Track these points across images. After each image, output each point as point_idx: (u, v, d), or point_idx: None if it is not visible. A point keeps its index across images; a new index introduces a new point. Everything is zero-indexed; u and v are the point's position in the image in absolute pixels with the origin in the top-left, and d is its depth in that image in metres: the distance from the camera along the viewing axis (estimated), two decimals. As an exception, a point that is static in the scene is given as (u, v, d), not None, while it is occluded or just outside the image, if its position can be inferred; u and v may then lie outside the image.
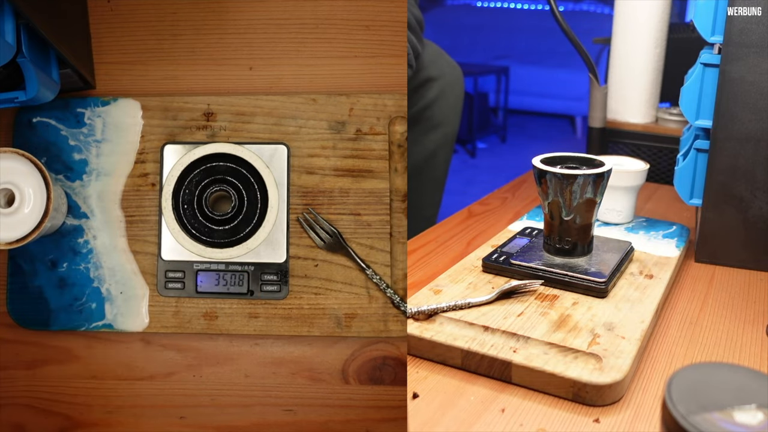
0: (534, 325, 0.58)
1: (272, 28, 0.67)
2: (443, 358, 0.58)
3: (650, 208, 1.01)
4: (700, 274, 0.77)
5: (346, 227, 0.65)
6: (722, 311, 0.68)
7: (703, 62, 0.77)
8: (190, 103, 0.66)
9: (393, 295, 0.63)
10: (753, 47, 0.72)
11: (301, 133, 0.65)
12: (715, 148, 0.76)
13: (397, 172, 0.65)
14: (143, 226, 0.65)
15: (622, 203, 0.84)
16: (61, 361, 0.65)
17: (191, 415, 0.64)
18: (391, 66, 0.67)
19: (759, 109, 0.73)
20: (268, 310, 0.64)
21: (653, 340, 0.62)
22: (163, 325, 0.64)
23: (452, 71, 1.19)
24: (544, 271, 0.67)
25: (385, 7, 0.67)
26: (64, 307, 0.64)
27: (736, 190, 0.77)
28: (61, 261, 0.65)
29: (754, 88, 0.73)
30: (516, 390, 0.54)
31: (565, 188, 0.65)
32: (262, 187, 0.65)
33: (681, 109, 0.80)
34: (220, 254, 0.64)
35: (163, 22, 0.68)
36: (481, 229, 0.92)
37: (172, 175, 0.65)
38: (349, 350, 0.64)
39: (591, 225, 0.68)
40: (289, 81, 0.67)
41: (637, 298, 0.64)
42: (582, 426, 0.50)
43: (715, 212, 0.78)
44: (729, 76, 0.74)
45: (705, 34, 0.77)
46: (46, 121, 0.66)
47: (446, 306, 0.61)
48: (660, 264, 0.73)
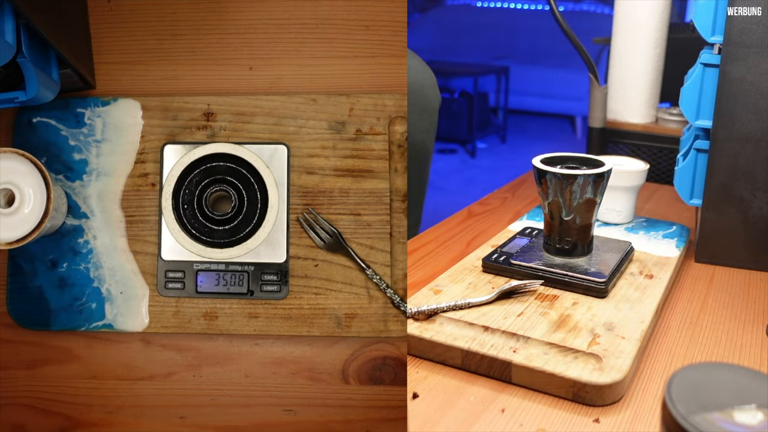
0: (534, 325, 0.58)
1: (272, 28, 0.67)
2: (443, 358, 0.58)
3: (650, 208, 1.01)
4: (700, 274, 0.77)
5: (346, 227, 0.65)
6: (722, 311, 0.68)
7: (703, 62, 0.77)
8: (190, 103, 0.66)
9: (393, 295, 0.63)
10: (753, 47, 0.72)
11: (301, 133, 0.65)
12: (715, 148, 0.76)
13: (397, 172, 0.65)
14: (143, 226, 0.65)
15: (622, 203, 0.84)
16: (61, 361, 0.65)
17: (191, 415, 0.64)
18: (391, 66, 0.67)
19: (759, 109, 0.73)
20: (268, 310, 0.64)
21: (653, 340, 0.62)
22: (163, 325, 0.64)
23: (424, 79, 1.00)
24: (544, 271, 0.67)
25: (385, 7, 0.67)
26: (64, 307, 0.64)
27: (736, 190, 0.77)
28: (61, 261, 0.65)
29: (754, 88, 0.73)
30: (516, 390, 0.54)
31: (565, 188, 0.65)
32: (262, 187, 0.65)
33: (681, 109, 0.80)
34: (220, 254, 0.64)
35: (163, 22, 0.68)
36: (481, 229, 0.92)
37: (172, 175, 0.65)
38: (349, 350, 0.64)
39: (591, 225, 0.68)
40: (289, 81, 0.67)
41: (637, 298, 0.64)
42: (582, 426, 0.50)
43: (715, 212, 0.78)
44: (729, 76, 0.74)
45: (705, 34, 0.77)
46: (46, 121, 0.66)
47: (446, 306, 0.61)
48: (660, 264, 0.73)
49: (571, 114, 4.99)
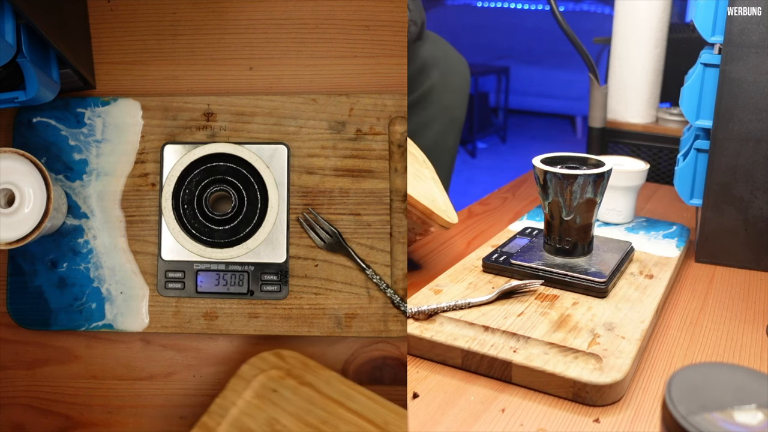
0: (534, 325, 0.58)
1: (272, 28, 0.67)
2: (443, 358, 0.58)
3: (650, 208, 1.01)
4: (700, 274, 0.77)
5: (346, 227, 0.65)
6: (722, 311, 0.68)
7: (703, 62, 0.77)
8: (190, 103, 0.66)
9: (393, 295, 0.63)
10: (753, 47, 0.72)
11: (301, 133, 0.65)
12: (715, 148, 0.76)
13: (397, 172, 0.65)
14: (143, 226, 0.65)
15: (622, 203, 0.84)
16: (61, 361, 0.65)
17: (191, 415, 0.64)
18: (391, 66, 0.67)
19: (759, 109, 0.73)
20: (268, 310, 0.64)
21: (653, 340, 0.62)
22: (163, 325, 0.64)
23: (456, 57, 1.20)
24: (544, 271, 0.67)
25: (385, 7, 0.67)
26: (64, 307, 0.64)
27: (736, 190, 0.77)
28: (61, 261, 0.65)
29: (754, 88, 0.73)
30: (516, 390, 0.54)
31: (565, 188, 0.65)
32: (262, 187, 0.65)
33: (681, 109, 0.80)
34: (220, 254, 0.64)
35: (163, 22, 0.68)
36: (481, 229, 0.92)
37: (172, 175, 0.65)
38: (349, 350, 0.64)
39: (591, 225, 0.68)
40: (289, 81, 0.67)
41: (637, 298, 0.64)
42: (582, 426, 0.50)
43: (715, 212, 0.78)
44: (729, 76, 0.74)
45: (705, 34, 0.77)
46: (46, 121, 0.66)
47: (446, 306, 0.61)
48: (660, 264, 0.73)
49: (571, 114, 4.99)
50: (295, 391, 0.54)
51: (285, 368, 0.55)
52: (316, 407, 0.54)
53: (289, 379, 0.55)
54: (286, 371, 0.56)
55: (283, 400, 0.54)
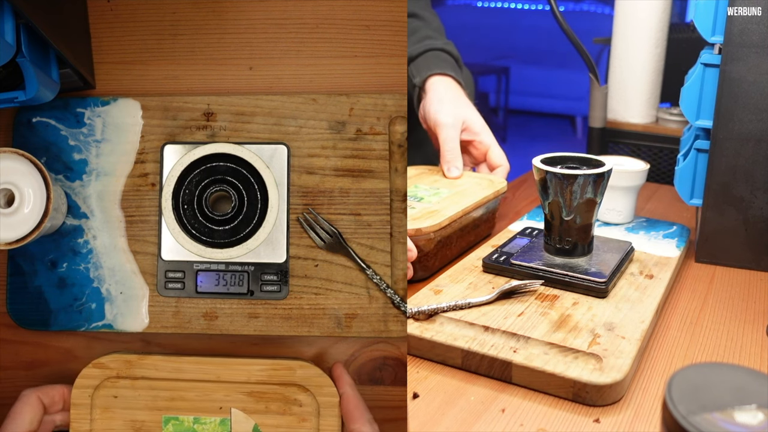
0: (534, 325, 0.58)
1: (272, 28, 0.67)
2: (443, 358, 0.58)
3: (650, 208, 1.01)
4: (700, 274, 0.77)
5: (346, 227, 0.64)
6: (722, 311, 0.68)
7: (703, 62, 0.77)
8: (190, 103, 0.66)
9: (393, 295, 0.63)
10: (753, 47, 0.72)
11: (301, 133, 0.65)
12: (715, 148, 0.76)
13: (397, 172, 0.65)
14: (143, 226, 0.65)
15: (622, 203, 0.84)
16: (61, 361, 0.65)
17: (191, 415, 0.64)
18: (391, 66, 0.67)
19: (759, 109, 0.73)
20: (268, 310, 0.64)
21: (653, 340, 0.62)
22: (163, 325, 0.64)
23: None
24: (544, 271, 0.67)
25: (385, 7, 0.67)
26: (64, 307, 0.64)
27: (736, 190, 0.77)
28: (61, 261, 0.65)
29: (754, 88, 0.73)
30: (516, 390, 0.54)
31: (566, 188, 0.65)
32: (262, 187, 0.65)
33: (681, 109, 0.80)
34: (220, 254, 0.64)
35: (163, 22, 0.68)
36: (481, 229, 0.92)
37: (172, 175, 0.65)
38: (349, 350, 0.64)
39: (591, 225, 0.68)
40: (289, 81, 0.67)
41: (637, 298, 0.64)
42: (582, 426, 0.50)
43: (716, 212, 0.78)
44: (729, 76, 0.74)
45: (705, 34, 0.77)
46: (45, 121, 0.66)
47: (446, 306, 0.61)
48: (660, 264, 0.73)
49: (571, 114, 4.99)
50: (133, 387, 0.57)
51: (113, 373, 0.58)
52: (159, 390, 0.57)
53: (122, 380, 0.58)
54: (116, 375, 0.58)
55: (128, 399, 0.57)
